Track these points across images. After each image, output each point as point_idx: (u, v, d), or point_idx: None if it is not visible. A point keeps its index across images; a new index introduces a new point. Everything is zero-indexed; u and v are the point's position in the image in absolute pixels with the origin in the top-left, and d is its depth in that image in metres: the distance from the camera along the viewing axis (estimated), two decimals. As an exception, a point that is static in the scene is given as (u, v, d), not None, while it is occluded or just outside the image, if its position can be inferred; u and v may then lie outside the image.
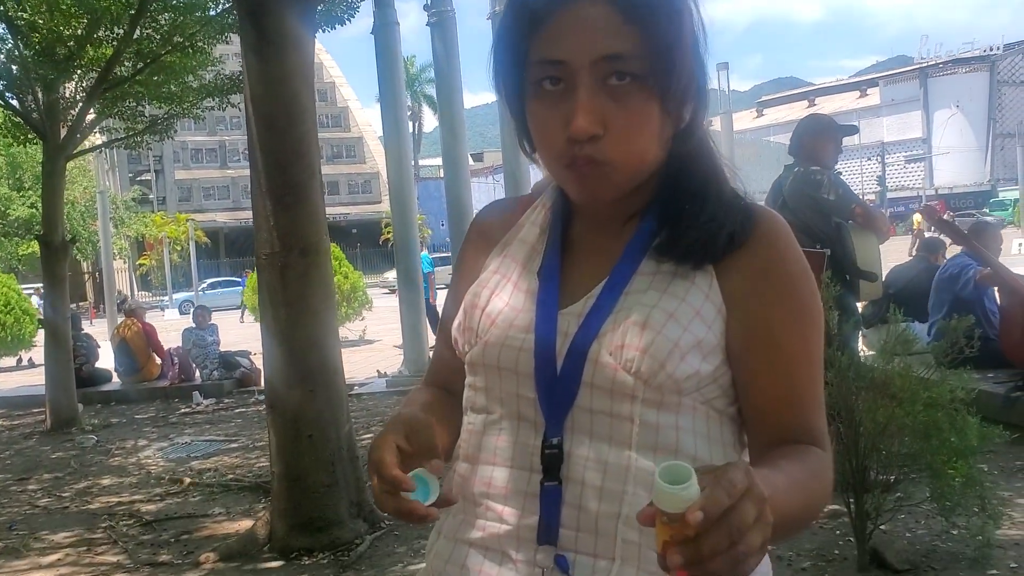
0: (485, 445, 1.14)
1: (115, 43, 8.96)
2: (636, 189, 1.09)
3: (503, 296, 1.15)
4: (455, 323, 1.19)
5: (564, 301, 1.11)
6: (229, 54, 10.20)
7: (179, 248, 40.63)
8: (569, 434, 1.06)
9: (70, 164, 27.59)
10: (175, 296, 35.22)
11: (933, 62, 72.72)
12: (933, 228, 7.86)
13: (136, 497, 6.21)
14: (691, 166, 1.12)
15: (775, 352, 1.06)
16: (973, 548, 3.75)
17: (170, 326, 16.65)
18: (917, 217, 33.11)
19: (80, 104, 9.30)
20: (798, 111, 70.52)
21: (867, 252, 4.94)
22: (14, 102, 9.46)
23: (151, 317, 14.80)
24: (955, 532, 3.95)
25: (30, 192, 29.19)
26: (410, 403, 1.25)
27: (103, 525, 5.54)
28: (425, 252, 15.51)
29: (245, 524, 5.19)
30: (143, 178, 55.11)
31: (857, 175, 65.40)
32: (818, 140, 5.08)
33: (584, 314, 1.08)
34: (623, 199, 1.10)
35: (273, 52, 4.71)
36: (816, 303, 1.11)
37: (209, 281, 37.37)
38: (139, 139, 10.69)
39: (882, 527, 3.88)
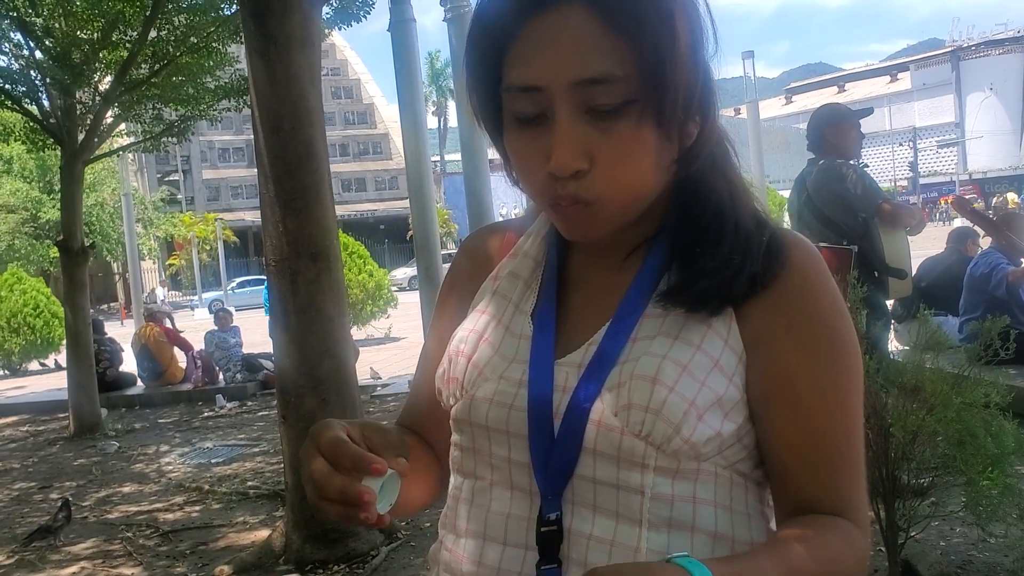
0: (473, 516, 0.98)
1: (130, 46, 8.92)
2: (641, 216, 0.95)
3: (492, 342, 1.00)
4: (439, 371, 1.04)
5: (562, 348, 0.97)
6: (243, 54, 10.16)
7: (208, 248, 40.91)
8: (569, 507, 0.91)
9: (98, 166, 27.97)
10: (204, 296, 35.47)
11: (965, 44, 71.59)
12: (965, 217, 7.61)
13: (156, 506, 6.16)
14: (703, 189, 0.96)
15: (801, 402, 0.91)
16: (1012, 559, 3.58)
17: (200, 326, 16.67)
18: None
19: (97, 108, 9.27)
20: (827, 97, 69.68)
21: (896, 248, 4.73)
22: (31, 107, 9.47)
23: (180, 317, 14.85)
24: (992, 541, 3.78)
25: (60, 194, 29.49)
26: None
27: (121, 536, 5.49)
28: None
29: (262, 534, 5.11)
30: (171, 179, 55.52)
31: (888, 161, 64.62)
32: (839, 130, 4.83)
33: (585, 365, 0.93)
34: (625, 229, 0.96)
35: (278, 54, 4.61)
36: (853, 349, 0.94)
37: (239, 280, 37.55)
38: (157, 142, 10.67)
39: (915, 537, 3.72)
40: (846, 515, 0.91)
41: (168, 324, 12.67)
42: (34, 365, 17.04)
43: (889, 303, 6.90)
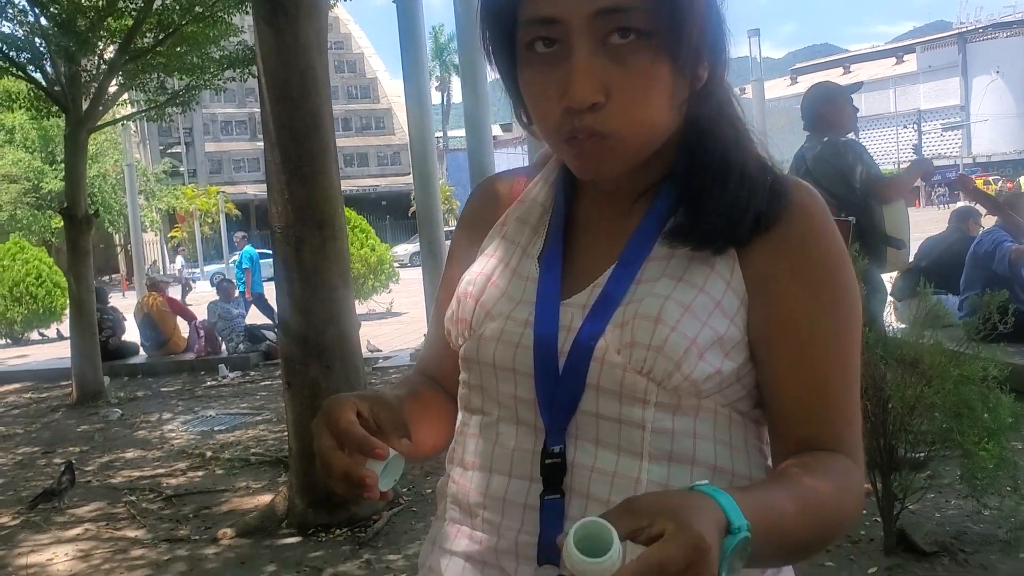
0: (481, 450, 1.02)
1: (135, 14, 8.90)
2: (648, 161, 0.96)
3: (500, 284, 1.03)
4: (447, 313, 1.07)
5: (567, 290, 0.99)
6: (249, 24, 10.12)
7: (210, 220, 40.86)
8: (572, 441, 0.95)
9: (101, 137, 27.85)
10: (206, 268, 35.47)
11: (972, 27, 71.13)
12: (968, 198, 7.62)
13: (158, 471, 6.22)
14: (711, 133, 0.98)
15: (803, 347, 0.93)
16: (1006, 530, 3.62)
17: (201, 298, 16.74)
18: None
19: (102, 76, 9.26)
20: (833, 78, 69.08)
21: (895, 217, 4.78)
22: (36, 75, 9.45)
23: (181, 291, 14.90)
24: (986, 513, 3.82)
25: (62, 165, 29.41)
26: (397, 389, 1.12)
27: (125, 500, 5.55)
28: (249, 247, 15.35)
29: (265, 499, 5.17)
30: (173, 151, 55.37)
31: (892, 143, 64.41)
32: (834, 107, 4.88)
33: (589, 306, 0.96)
34: (633, 173, 0.97)
35: (286, 22, 4.61)
36: (854, 294, 0.97)
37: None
38: (161, 111, 10.65)
39: (910, 507, 3.77)
40: (843, 452, 0.93)
41: (175, 295, 12.67)
42: (35, 335, 17.09)
43: (889, 283, 6.94)
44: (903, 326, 4.60)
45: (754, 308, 0.95)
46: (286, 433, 5.29)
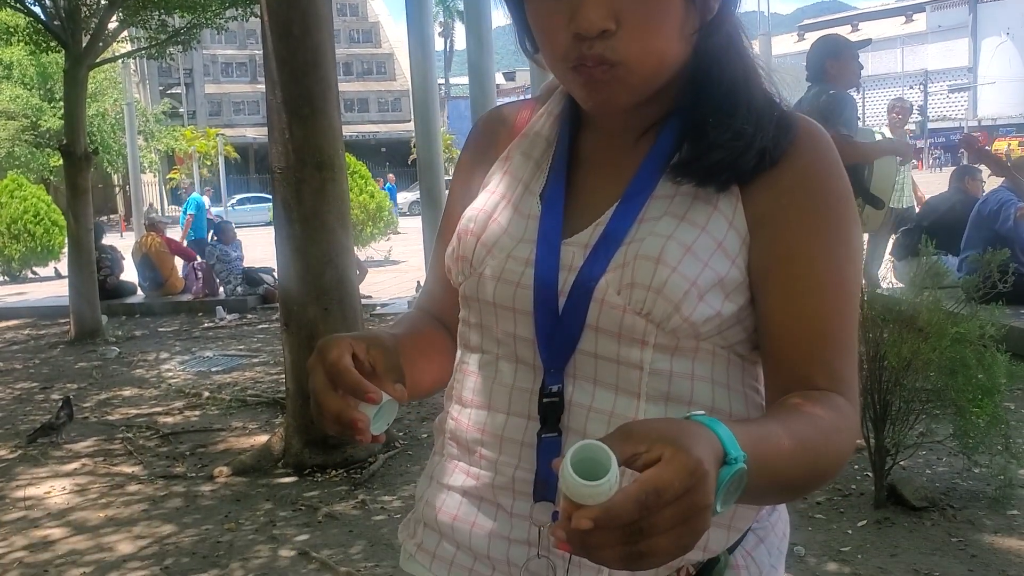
0: (479, 387, 1.02)
1: (136, -52, 8.76)
2: (655, 95, 0.94)
3: (501, 221, 1.01)
4: (448, 250, 1.05)
5: (569, 229, 0.97)
6: (253, -38, 9.95)
7: (209, 163, 40.62)
8: (571, 380, 0.94)
9: (100, 75, 27.54)
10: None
11: (984, -13, 70.20)
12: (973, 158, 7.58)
13: (155, 410, 6.26)
14: (718, 67, 0.95)
15: (801, 282, 0.92)
16: (994, 487, 3.66)
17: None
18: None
19: (102, 11, 9.13)
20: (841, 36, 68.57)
21: (883, 174, 4.76)
22: (35, 8, 9.32)
23: (176, 232, 14.86)
24: (976, 471, 3.86)
25: (62, 103, 29.14)
26: (396, 327, 1.11)
27: (121, 436, 5.58)
28: (196, 194, 15.33)
29: (261, 439, 5.20)
30: (173, 91, 54.88)
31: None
32: (839, 61, 4.85)
33: (591, 245, 0.95)
34: (639, 107, 0.95)
35: (289, -43, 4.54)
36: (856, 231, 0.95)
37: (238, 197, 37.34)
38: (162, 49, 10.53)
39: (901, 463, 3.80)
40: (838, 391, 0.91)
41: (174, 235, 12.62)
42: (30, 274, 17.09)
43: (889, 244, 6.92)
44: (900, 285, 4.59)
45: (755, 246, 0.93)
46: (283, 375, 5.31)
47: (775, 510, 1.05)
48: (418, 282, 10.60)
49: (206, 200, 32.44)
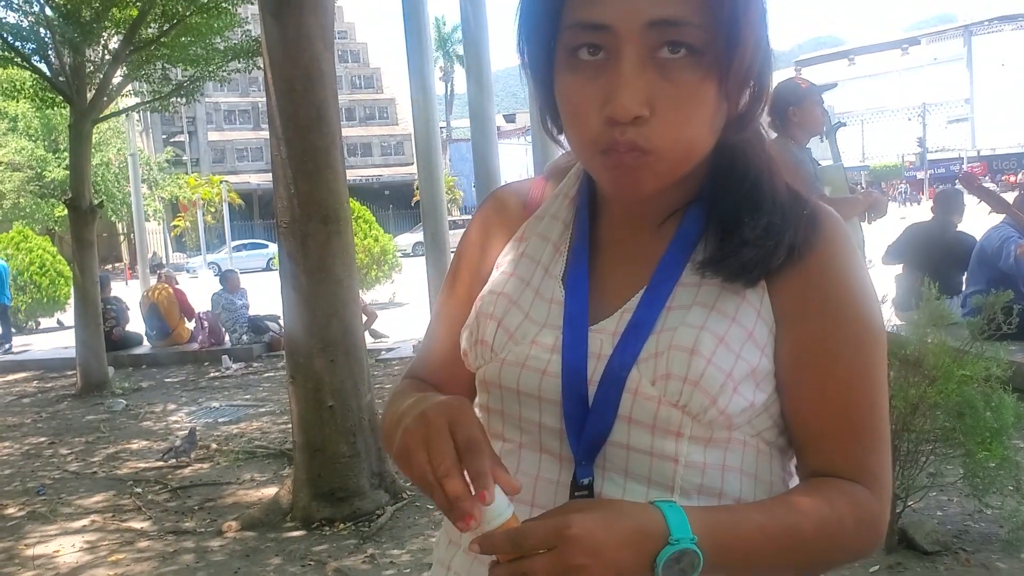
0: None
1: (140, 4, 8.89)
2: (678, 182, 0.93)
3: (522, 305, 0.99)
4: (464, 333, 1.03)
5: (594, 315, 0.96)
6: (254, 15, 10.11)
7: (213, 210, 40.87)
8: (600, 472, 0.92)
9: (104, 126, 27.77)
10: (208, 258, 35.50)
11: (978, 19, 70.82)
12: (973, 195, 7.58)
13: (164, 463, 6.24)
14: (744, 159, 0.95)
15: (827, 378, 0.92)
16: (1007, 530, 3.64)
17: (205, 288, 16.69)
18: None
19: (106, 67, 9.26)
20: (838, 70, 69.14)
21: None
22: (41, 65, 9.45)
23: (184, 279, 14.91)
24: (988, 513, 3.84)
25: (66, 154, 29.37)
26: (402, 400, 1.03)
27: (131, 491, 5.57)
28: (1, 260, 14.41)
29: (270, 492, 5.19)
30: (176, 139, 55.34)
31: (897, 136, 64.23)
32: (803, 108, 4.53)
33: (619, 333, 0.93)
34: (663, 193, 0.93)
35: (292, 14, 4.61)
36: (879, 323, 0.95)
37: (235, 244, 37.36)
38: (166, 102, 10.65)
39: (912, 506, 3.78)
40: (862, 481, 0.91)
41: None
42: (42, 323, 17.12)
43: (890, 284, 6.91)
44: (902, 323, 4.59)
45: (782, 337, 0.93)
46: (290, 425, 5.31)
47: None
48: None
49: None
